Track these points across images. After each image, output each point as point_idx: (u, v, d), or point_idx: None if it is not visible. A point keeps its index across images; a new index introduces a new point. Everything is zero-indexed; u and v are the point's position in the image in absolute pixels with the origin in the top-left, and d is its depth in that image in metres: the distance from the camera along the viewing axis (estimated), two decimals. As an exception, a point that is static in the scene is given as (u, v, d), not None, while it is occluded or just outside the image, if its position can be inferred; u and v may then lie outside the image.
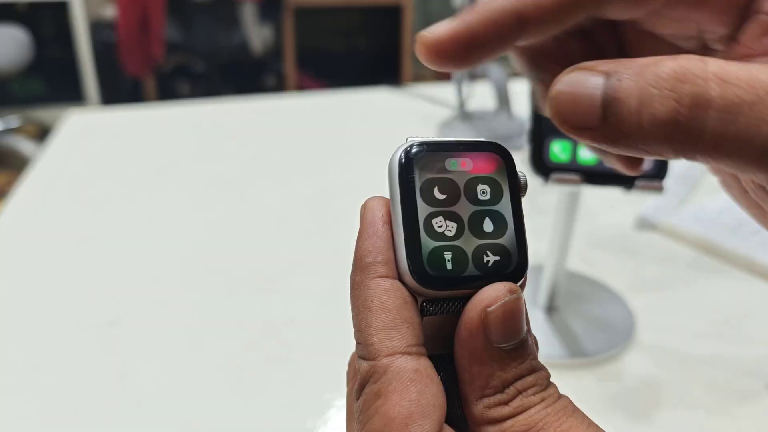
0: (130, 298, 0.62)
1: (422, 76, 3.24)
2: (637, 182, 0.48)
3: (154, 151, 0.94)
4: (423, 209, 0.21)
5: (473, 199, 0.22)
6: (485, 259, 0.21)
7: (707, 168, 0.26)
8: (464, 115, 1.00)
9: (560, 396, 0.21)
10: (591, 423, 0.20)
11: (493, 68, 0.99)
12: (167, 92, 2.83)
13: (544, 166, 0.49)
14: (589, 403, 0.23)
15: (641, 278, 0.65)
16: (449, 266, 0.21)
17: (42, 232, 0.73)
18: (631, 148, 0.19)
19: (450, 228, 0.21)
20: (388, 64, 3.06)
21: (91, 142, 0.97)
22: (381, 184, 0.22)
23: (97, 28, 2.73)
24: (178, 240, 0.71)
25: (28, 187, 0.83)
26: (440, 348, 0.22)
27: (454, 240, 0.21)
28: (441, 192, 0.21)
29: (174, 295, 0.62)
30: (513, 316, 0.20)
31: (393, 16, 2.97)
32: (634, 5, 0.21)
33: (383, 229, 0.21)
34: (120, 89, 2.83)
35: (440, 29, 0.21)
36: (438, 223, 0.21)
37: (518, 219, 0.22)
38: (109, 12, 2.73)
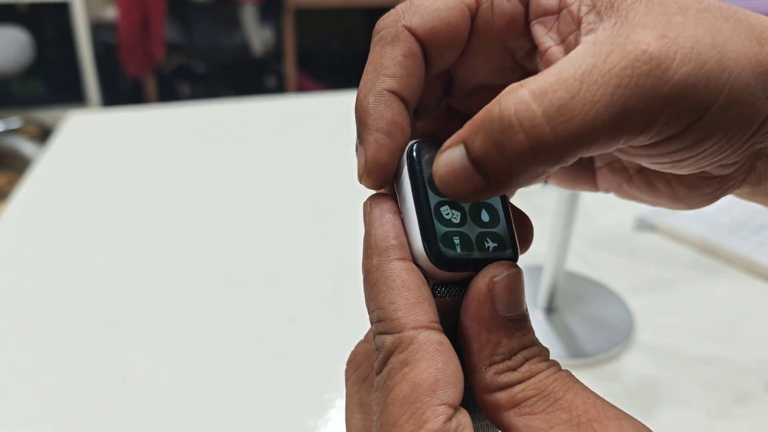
0: (130, 298, 0.62)
1: (422, 77, 3.24)
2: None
3: (154, 152, 0.94)
4: (433, 198, 0.23)
5: None
6: (486, 244, 0.23)
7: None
8: (464, 115, 1.00)
9: (561, 368, 0.22)
10: (594, 393, 0.21)
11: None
12: (168, 93, 2.83)
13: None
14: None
15: (640, 278, 0.65)
16: (459, 249, 0.23)
17: (43, 233, 0.73)
18: (520, 182, 0.20)
19: (455, 216, 0.23)
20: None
21: (92, 143, 0.97)
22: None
23: (98, 29, 2.74)
24: (179, 241, 0.71)
25: (29, 188, 0.83)
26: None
27: (461, 227, 0.23)
28: None
29: (175, 296, 0.62)
30: (516, 288, 0.22)
31: (393, 17, 2.96)
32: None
33: (394, 218, 0.23)
34: (121, 90, 2.84)
35: (360, 170, 0.24)
36: (446, 211, 0.23)
37: (507, 213, 0.24)
38: (110, 13, 2.74)
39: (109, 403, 0.50)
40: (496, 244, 0.23)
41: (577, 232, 0.66)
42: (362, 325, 0.26)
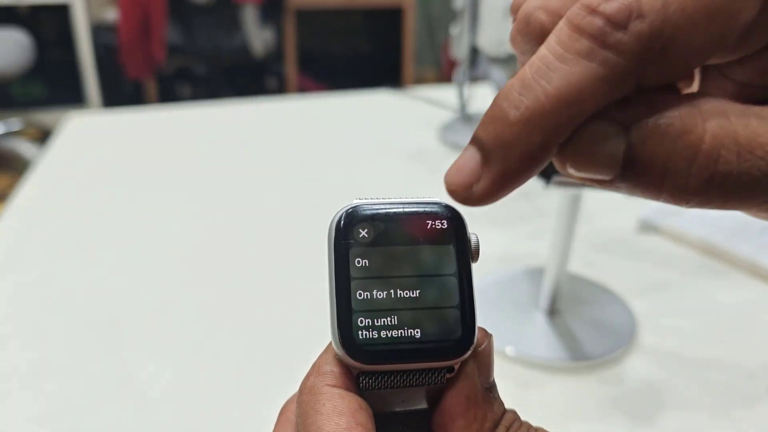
0: (131, 300, 0.62)
1: (423, 78, 3.24)
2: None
3: (155, 154, 0.94)
4: (357, 276, 0.20)
5: (415, 265, 0.20)
6: (424, 329, 0.20)
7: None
8: (465, 117, 1.00)
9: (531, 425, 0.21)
10: None
11: (495, 70, 0.99)
12: (168, 95, 2.83)
13: (545, 168, 0.49)
14: (590, 406, 0.23)
15: (643, 281, 0.65)
16: (383, 337, 0.20)
17: (43, 235, 0.73)
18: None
19: (386, 297, 0.20)
20: (389, 66, 3.06)
21: (92, 144, 0.97)
22: (381, 186, 0.22)
23: (99, 30, 2.74)
24: (179, 242, 0.71)
25: (29, 189, 0.83)
26: (391, 407, 0.21)
27: (391, 309, 0.20)
28: (378, 257, 0.20)
29: (175, 297, 0.62)
30: (491, 357, 0.21)
31: (394, 18, 2.97)
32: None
33: None
34: (121, 92, 2.84)
35: (476, 189, 0.18)
36: (373, 291, 0.20)
37: (465, 286, 0.20)
38: (111, 15, 2.74)
39: (109, 404, 0.50)
40: (439, 329, 0.20)
41: (580, 234, 0.66)
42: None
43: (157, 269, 0.66)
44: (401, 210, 0.21)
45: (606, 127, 0.17)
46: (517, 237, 0.72)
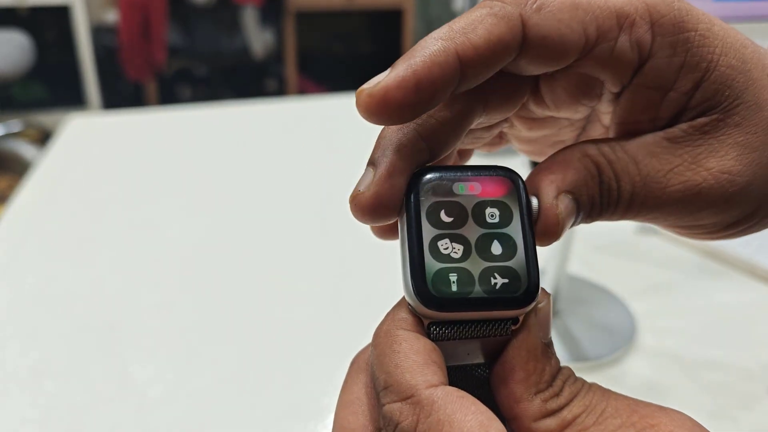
0: (130, 302, 0.62)
1: (423, 79, 3.24)
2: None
3: (155, 155, 0.94)
4: (428, 232, 0.21)
5: (481, 222, 0.22)
6: (493, 281, 0.21)
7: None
8: (465, 118, 1.00)
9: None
10: (625, 396, 0.21)
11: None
12: (168, 96, 2.84)
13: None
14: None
15: (642, 282, 0.65)
16: (454, 288, 0.21)
17: (43, 237, 0.73)
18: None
19: (456, 250, 0.21)
20: (389, 67, 3.06)
21: (93, 146, 0.97)
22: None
23: (99, 32, 2.74)
24: (179, 244, 0.71)
25: (29, 191, 0.83)
26: (455, 360, 0.22)
27: (461, 262, 0.21)
28: (448, 215, 0.22)
29: (174, 300, 0.62)
30: (550, 314, 0.22)
31: (394, 19, 2.97)
32: (546, 63, 0.23)
33: None
34: (121, 93, 2.84)
35: (384, 80, 0.21)
36: (444, 245, 0.21)
37: (528, 243, 0.22)
38: (111, 16, 2.74)
39: (108, 406, 0.50)
40: (506, 281, 0.21)
41: (579, 235, 0.66)
42: (363, 329, 0.26)
43: (156, 271, 0.67)
44: (468, 172, 0.22)
45: None
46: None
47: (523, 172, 0.23)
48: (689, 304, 0.62)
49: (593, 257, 0.68)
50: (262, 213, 0.78)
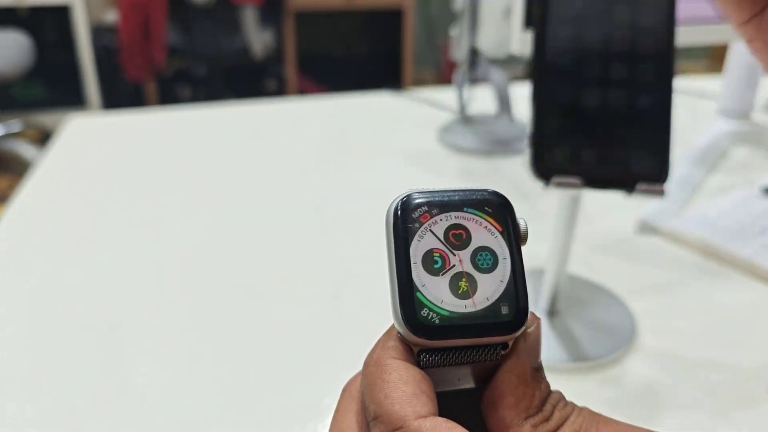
0: (131, 302, 0.62)
1: (423, 80, 3.25)
2: (639, 186, 0.48)
3: (155, 156, 0.94)
4: (417, 259, 0.21)
5: (469, 249, 0.22)
6: (481, 307, 0.21)
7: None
8: (465, 119, 1.00)
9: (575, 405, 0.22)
10: (614, 420, 0.22)
11: (495, 72, 0.99)
12: (168, 96, 2.84)
13: (544, 170, 0.49)
14: (590, 407, 0.23)
15: (642, 282, 0.65)
16: (445, 314, 0.21)
17: (43, 237, 0.73)
18: None
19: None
20: (389, 68, 3.07)
21: (93, 146, 0.97)
22: (382, 188, 0.22)
23: (99, 32, 2.74)
24: (179, 244, 0.71)
25: (29, 191, 0.83)
26: (445, 386, 0.22)
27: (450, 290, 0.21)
28: (436, 241, 0.22)
29: (175, 300, 0.62)
30: (540, 338, 0.23)
31: (394, 20, 2.97)
32: None
33: None
34: (121, 93, 2.84)
35: None
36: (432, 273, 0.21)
37: (517, 267, 0.22)
38: (111, 17, 2.74)
39: (108, 407, 0.50)
40: (494, 306, 0.21)
41: (579, 235, 0.66)
42: (363, 329, 0.26)
43: (157, 271, 0.67)
44: (454, 196, 0.22)
45: None
46: (517, 238, 0.72)
47: (510, 195, 0.23)
48: (690, 304, 0.62)
49: (593, 257, 0.68)
50: (262, 213, 0.78)
